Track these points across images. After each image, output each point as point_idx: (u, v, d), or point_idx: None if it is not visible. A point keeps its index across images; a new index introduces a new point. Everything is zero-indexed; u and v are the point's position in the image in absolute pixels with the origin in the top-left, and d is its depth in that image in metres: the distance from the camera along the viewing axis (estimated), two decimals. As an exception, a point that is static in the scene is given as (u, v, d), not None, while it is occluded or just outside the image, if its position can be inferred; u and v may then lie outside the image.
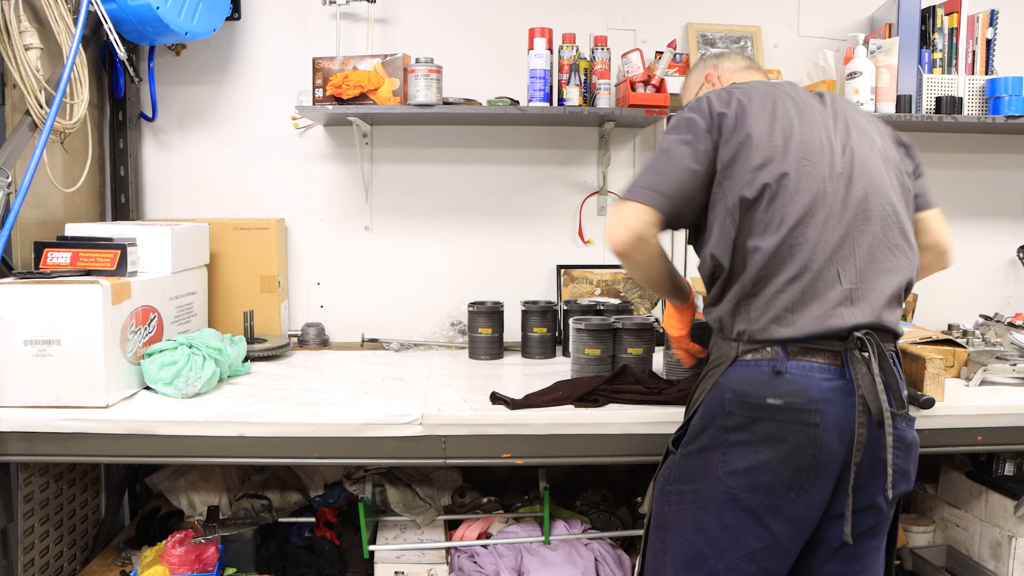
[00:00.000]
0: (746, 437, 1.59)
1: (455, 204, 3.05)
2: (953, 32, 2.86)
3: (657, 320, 3.04)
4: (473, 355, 2.75)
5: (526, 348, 2.78)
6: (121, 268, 2.20)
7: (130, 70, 2.57)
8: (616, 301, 2.82)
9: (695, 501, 1.64)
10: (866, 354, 1.57)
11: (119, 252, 2.20)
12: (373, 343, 2.97)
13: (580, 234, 3.09)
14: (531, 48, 2.68)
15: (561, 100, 2.70)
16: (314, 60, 2.65)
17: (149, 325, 2.26)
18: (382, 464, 2.40)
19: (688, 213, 1.71)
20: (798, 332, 1.59)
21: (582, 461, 2.21)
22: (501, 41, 2.96)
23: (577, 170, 3.07)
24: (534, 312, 2.75)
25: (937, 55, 2.86)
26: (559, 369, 2.54)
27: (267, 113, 2.96)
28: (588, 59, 2.75)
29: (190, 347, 2.25)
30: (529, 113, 2.65)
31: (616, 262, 3.07)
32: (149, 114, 2.88)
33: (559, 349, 2.81)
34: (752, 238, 1.63)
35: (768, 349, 1.61)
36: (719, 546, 1.61)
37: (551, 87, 2.69)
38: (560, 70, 2.72)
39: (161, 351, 2.22)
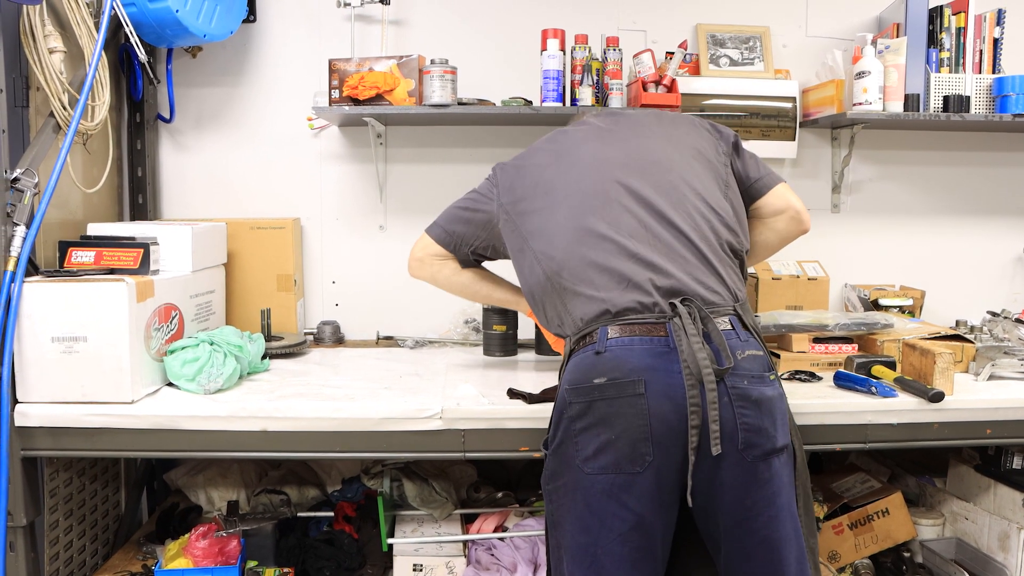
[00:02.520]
0: (587, 423, 1.63)
1: (468, 203, 3.09)
2: (960, 31, 2.89)
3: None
4: (488, 352, 2.79)
5: (540, 345, 2.81)
6: (144, 267, 2.23)
7: (149, 72, 2.61)
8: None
9: (567, 495, 1.67)
10: (683, 317, 1.62)
11: (142, 251, 2.24)
12: (388, 341, 3.01)
13: (591, 232, 3.12)
14: (544, 49, 2.71)
15: (574, 100, 2.74)
16: (330, 61, 2.69)
17: (171, 323, 2.30)
18: (402, 458, 2.44)
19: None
20: (613, 306, 1.69)
21: None
22: (513, 42, 3.00)
23: (588, 169, 3.10)
24: (547, 309, 2.79)
25: (945, 54, 2.90)
26: None
27: (282, 114, 3.00)
28: (600, 60, 2.78)
29: (211, 344, 2.29)
30: (543, 113, 2.68)
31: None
32: (166, 115, 2.92)
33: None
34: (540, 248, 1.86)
35: (590, 335, 1.70)
36: (593, 533, 1.63)
37: (564, 87, 2.73)
38: (572, 70, 2.76)
39: (183, 348, 2.26)
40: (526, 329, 2.86)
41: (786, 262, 2.88)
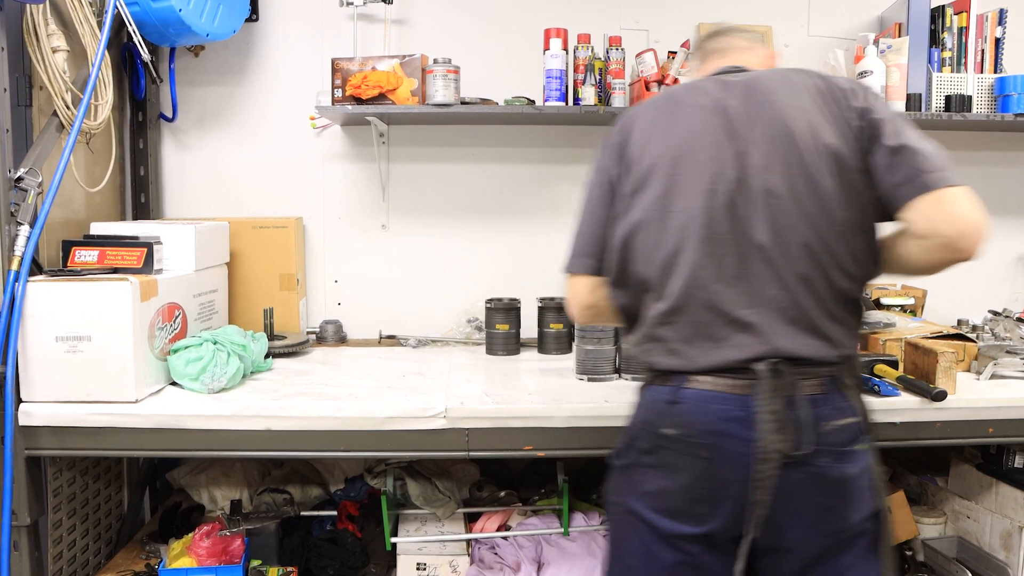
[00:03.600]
0: (654, 461, 1.56)
1: (471, 202, 3.09)
2: (962, 31, 2.90)
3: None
4: (490, 351, 2.80)
5: (543, 344, 2.82)
6: (147, 266, 2.24)
7: (152, 71, 2.61)
8: (630, 297, 2.85)
9: (621, 514, 1.64)
10: (767, 385, 1.47)
11: (145, 250, 2.24)
12: (391, 340, 3.01)
13: (593, 232, 3.12)
14: (547, 48, 2.71)
15: (576, 100, 2.74)
16: (333, 61, 2.69)
17: (174, 322, 2.30)
18: (405, 457, 2.44)
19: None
20: (692, 365, 1.53)
21: (603, 453, 2.21)
22: (516, 41, 3.00)
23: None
24: (550, 308, 2.79)
25: (947, 54, 2.90)
26: (573, 365, 2.57)
27: (285, 113, 3.00)
28: (603, 59, 2.78)
29: (215, 343, 2.29)
30: (546, 113, 2.68)
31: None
32: (169, 115, 2.92)
33: (573, 345, 2.84)
34: (637, 268, 1.61)
35: (666, 379, 1.57)
36: (638, 559, 1.59)
37: (567, 87, 2.73)
38: (575, 70, 2.76)
39: (187, 347, 2.26)
40: (529, 328, 2.87)
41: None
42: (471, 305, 3.03)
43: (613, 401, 2.13)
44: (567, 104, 2.73)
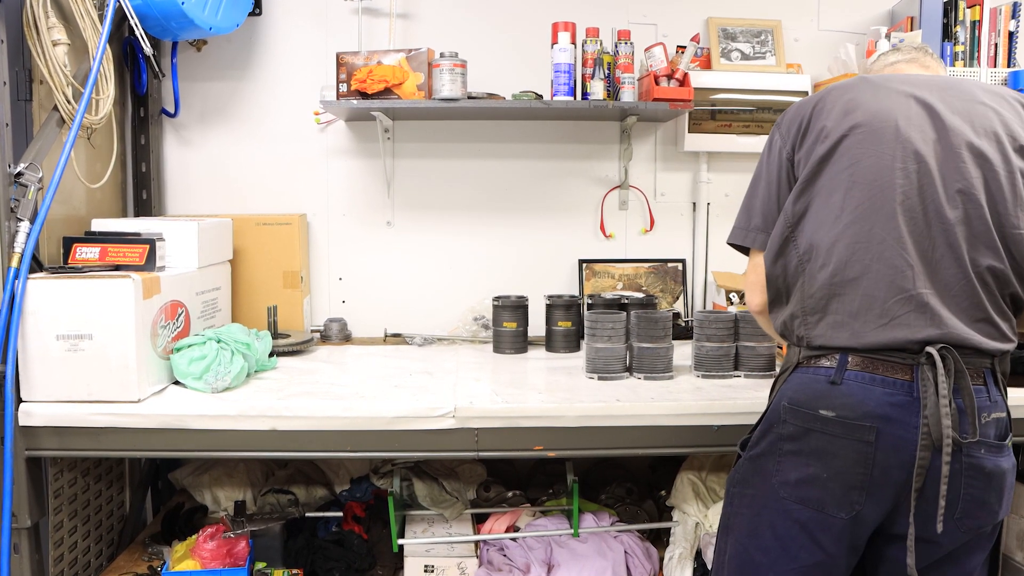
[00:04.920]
0: (798, 447, 1.52)
1: (477, 199, 3.05)
2: (975, 25, 2.86)
3: (678, 313, 3.05)
4: (498, 349, 2.75)
5: (551, 342, 2.77)
6: (150, 263, 2.20)
7: (154, 66, 2.57)
8: (640, 295, 2.81)
9: (751, 506, 1.60)
10: (936, 372, 1.43)
11: (148, 247, 2.20)
12: (396, 338, 2.97)
13: (602, 228, 3.09)
14: (555, 42, 2.67)
15: (585, 94, 2.70)
16: (338, 55, 2.64)
17: (177, 320, 2.26)
18: (413, 457, 2.40)
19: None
20: (859, 341, 1.49)
21: (614, 453, 2.20)
22: (522, 35, 2.96)
23: (599, 164, 3.07)
24: (559, 306, 2.75)
25: (959, 48, 2.86)
26: (582, 363, 2.53)
27: (288, 108, 2.95)
28: (612, 53, 2.74)
29: (218, 342, 2.25)
30: (554, 108, 2.64)
31: (638, 256, 3.09)
32: (171, 110, 2.88)
33: (582, 343, 2.80)
34: (811, 234, 1.56)
35: (826, 357, 1.53)
36: (770, 555, 1.55)
37: (575, 81, 2.69)
38: (584, 64, 2.72)
39: (190, 346, 2.22)
40: (536, 326, 2.82)
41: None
42: (477, 303, 2.99)
43: (625, 400, 2.09)
44: (575, 99, 2.69)
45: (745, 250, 1.72)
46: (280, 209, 2.97)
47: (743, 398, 2.14)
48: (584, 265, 3.08)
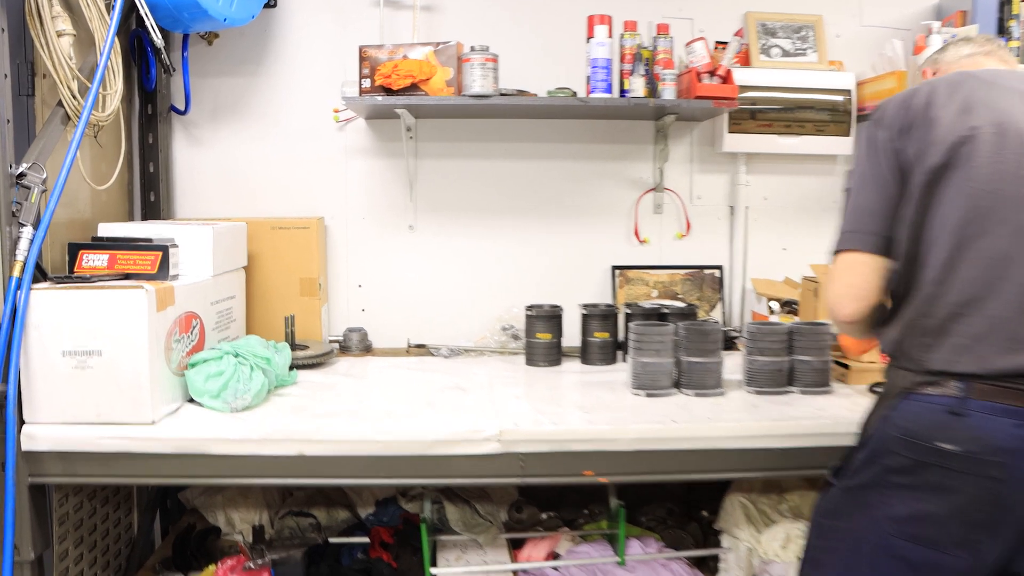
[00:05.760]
0: (911, 481, 1.38)
1: (503, 201, 2.89)
2: (1032, 19, 2.71)
3: (716, 321, 2.89)
4: (531, 361, 2.59)
5: (586, 353, 2.61)
6: (162, 271, 2.03)
7: (165, 59, 2.39)
8: (681, 304, 2.65)
9: (847, 541, 1.45)
10: None
11: (160, 254, 2.03)
12: (420, 349, 2.80)
13: (636, 233, 2.92)
14: (591, 36, 2.51)
15: (623, 91, 2.54)
16: (361, 48, 2.48)
17: (192, 333, 2.09)
18: (453, 484, 2.24)
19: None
20: (985, 368, 1.35)
21: (670, 478, 2.05)
22: (551, 30, 2.80)
23: (632, 166, 2.90)
24: (595, 316, 2.59)
25: (1015, 43, 2.71)
26: (620, 376, 2.38)
27: (305, 105, 2.79)
28: (650, 48, 2.58)
29: (236, 356, 2.09)
30: (592, 106, 2.48)
31: (674, 262, 2.93)
32: (181, 107, 2.71)
33: (619, 355, 2.64)
34: (929, 247, 1.43)
35: (946, 384, 1.39)
36: None
37: (612, 78, 2.53)
38: (621, 59, 2.56)
39: (206, 361, 2.05)
40: (569, 336, 2.66)
41: (847, 265, 2.68)
42: (505, 312, 2.82)
43: (680, 421, 1.93)
44: (613, 96, 2.53)
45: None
46: (296, 212, 2.80)
47: (806, 418, 1.98)
48: (617, 272, 2.91)
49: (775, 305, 2.77)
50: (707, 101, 2.49)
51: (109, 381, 1.84)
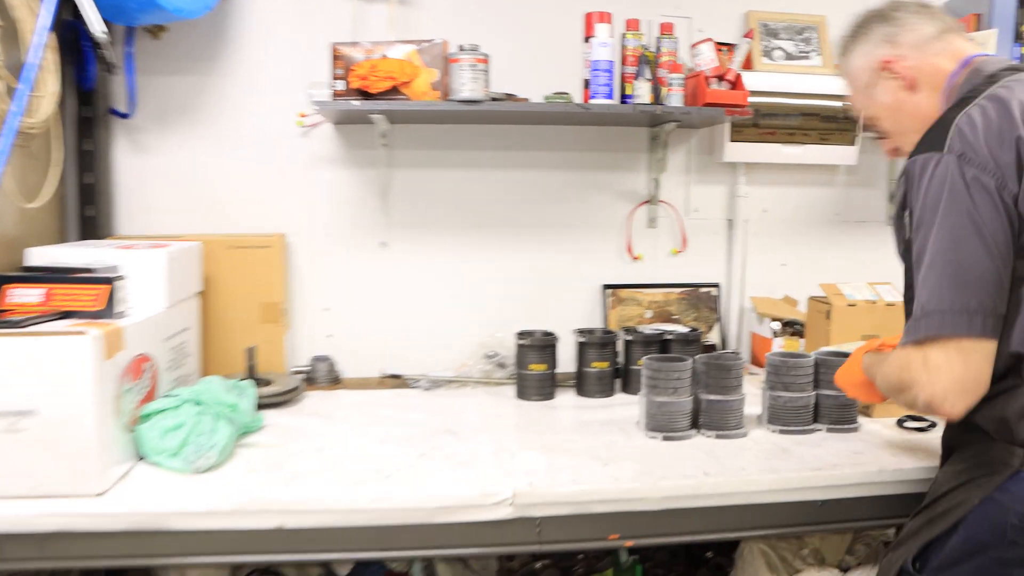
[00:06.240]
0: None
1: (485, 216, 2.63)
2: (1047, 24, 2.56)
3: (713, 345, 2.68)
4: (523, 395, 2.34)
5: (583, 385, 2.38)
6: (109, 308, 1.72)
7: (109, 56, 2.07)
8: (684, 329, 2.43)
9: None
10: None
11: (108, 288, 1.72)
12: (395, 380, 2.53)
13: (628, 249, 2.70)
14: (590, 35, 2.28)
15: (625, 97, 2.31)
16: (334, 46, 2.19)
17: (143, 378, 1.78)
18: (460, 555, 1.97)
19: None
20: None
21: (703, 539, 1.81)
22: (539, 27, 2.55)
23: (625, 176, 2.67)
24: (592, 344, 2.35)
25: (1030, 49, 2.56)
26: (624, 412, 2.17)
27: (265, 108, 2.48)
28: (653, 50, 2.36)
29: (197, 404, 1.79)
30: (593, 112, 2.24)
31: (669, 280, 2.72)
32: (123, 110, 2.37)
33: (616, 383, 2.42)
34: None
35: None
36: None
37: (614, 82, 2.30)
38: (623, 61, 2.33)
39: (161, 412, 1.75)
40: (562, 362, 2.41)
41: (857, 286, 2.50)
42: (489, 337, 2.57)
43: (712, 473, 1.71)
44: (615, 102, 2.29)
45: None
46: (255, 228, 2.49)
47: (846, 465, 1.77)
48: (608, 291, 2.68)
49: (776, 326, 2.58)
50: (718, 109, 2.27)
51: (47, 446, 1.52)
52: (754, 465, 1.77)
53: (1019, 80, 1.33)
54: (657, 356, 2.04)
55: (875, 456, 1.83)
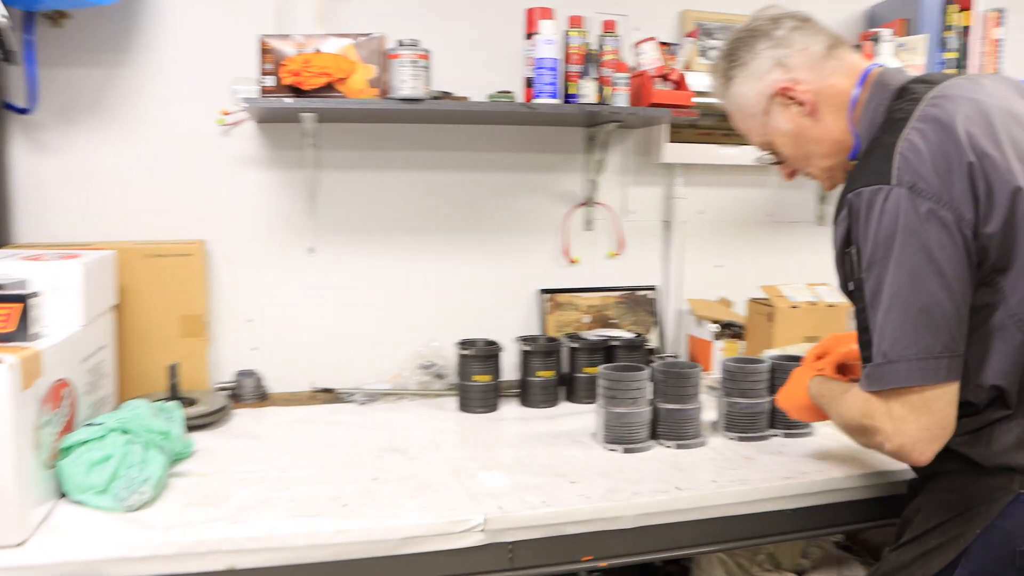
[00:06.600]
0: None
1: (417, 219, 2.51)
2: (965, 31, 2.63)
3: (695, 364, 2.66)
4: (466, 407, 2.24)
5: (527, 395, 2.29)
6: (22, 330, 1.52)
7: (9, 42, 1.84)
8: (630, 335, 2.38)
9: None
10: None
11: (20, 307, 1.52)
12: (327, 394, 2.38)
13: (565, 252, 2.63)
14: (532, 32, 2.20)
15: (569, 97, 2.24)
16: (263, 39, 2.04)
17: (62, 407, 1.60)
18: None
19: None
20: None
21: (679, 554, 1.77)
22: (473, 24, 2.45)
23: (561, 177, 2.61)
24: (537, 353, 2.27)
25: (951, 55, 2.63)
26: (573, 423, 2.11)
27: (181, 105, 2.28)
28: (595, 48, 2.29)
29: (124, 432, 1.61)
30: (539, 113, 2.16)
31: (606, 283, 2.67)
32: (22, 104, 2.14)
33: (561, 392, 2.35)
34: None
35: None
36: None
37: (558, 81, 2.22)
38: (567, 60, 2.25)
39: (85, 443, 1.57)
40: (504, 371, 2.32)
41: (797, 287, 2.52)
42: (424, 346, 2.45)
43: (686, 488, 1.66)
44: (560, 102, 2.22)
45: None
46: (172, 234, 2.30)
47: (814, 472, 1.76)
48: (546, 296, 2.61)
49: (715, 328, 2.57)
50: (664, 109, 2.23)
51: (-45, 489, 1.34)
52: (723, 476, 1.72)
53: (946, 96, 1.27)
54: (615, 366, 1.98)
55: (841, 462, 1.82)
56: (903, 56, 2.49)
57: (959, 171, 1.17)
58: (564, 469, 1.77)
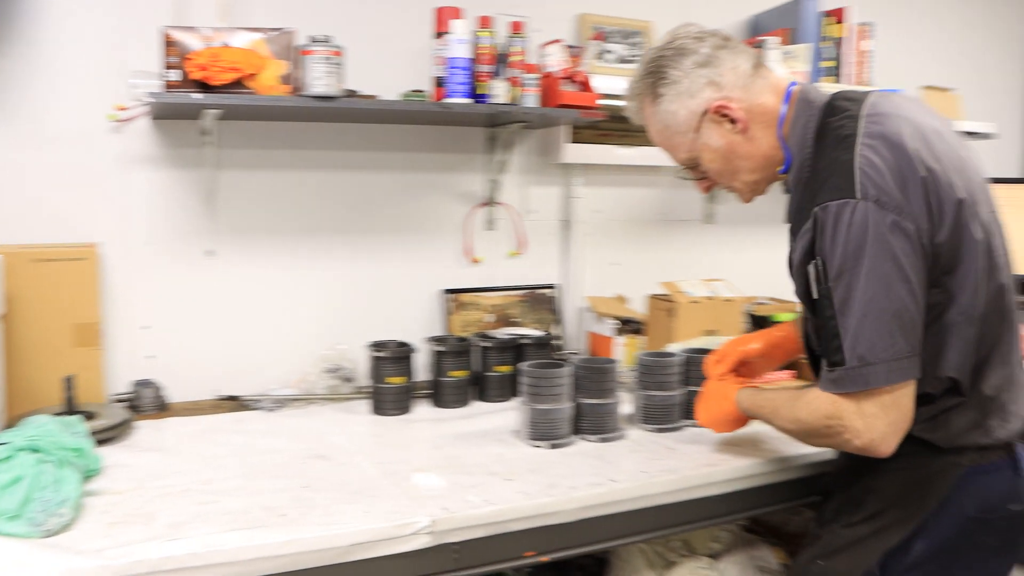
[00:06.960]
0: (999, 548, 1.38)
1: (319, 220, 2.46)
2: (840, 42, 2.83)
3: (614, 359, 2.71)
4: (380, 410, 2.21)
5: (439, 395, 2.29)
6: (-81, 342, 1.40)
7: None
8: (539, 332, 2.42)
9: None
10: None
11: (-84, 317, 1.39)
12: (232, 402, 2.29)
13: (467, 252, 2.64)
14: (442, 31, 2.20)
15: (480, 97, 2.25)
16: (166, 31, 1.94)
17: (-38, 424, 1.47)
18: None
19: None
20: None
21: (615, 544, 1.81)
22: (378, 22, 2.43)
23: (462, 177, 2.61)
24: (450, 353, 2.27)
25: (828, 64, 2.81)
26: (489, 421, 2.14)
27: (68, 99, 2.14)
28: (505, 49, 2.32)
29: (34, 451, 1.50)
30: (453, 112, 2.16)
31: (508, 283, 2.70)
32: None
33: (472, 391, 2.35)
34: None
35: (997, 451, 1.39)
36: None
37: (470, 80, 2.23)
38: (477, 60, 2.26)
39: (-9, 464, 1.45)
40: (415, 372, 2.31)
41: (694, 283, 2.63)
42: (329, 349, 2.40)
43: (621, 480, 1.70)
44: (471, 102, 2.23)
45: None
46: (63, 238, 2.15)
47: (742, 457, 1.85)
48: (449, 296, 2.61)
49: (616, 325, 2.65)
50: (572, 110, 2.28)
51: None
52: (652, 467, 1.78)
53: (881, 114, 1.34)
54: (537, 363, 2.00)
55: (766, 446, 1.91)
56: (789, 63, 2.64)
57: (914, 185, 1.27)
58: (495, 467, 1.78)
